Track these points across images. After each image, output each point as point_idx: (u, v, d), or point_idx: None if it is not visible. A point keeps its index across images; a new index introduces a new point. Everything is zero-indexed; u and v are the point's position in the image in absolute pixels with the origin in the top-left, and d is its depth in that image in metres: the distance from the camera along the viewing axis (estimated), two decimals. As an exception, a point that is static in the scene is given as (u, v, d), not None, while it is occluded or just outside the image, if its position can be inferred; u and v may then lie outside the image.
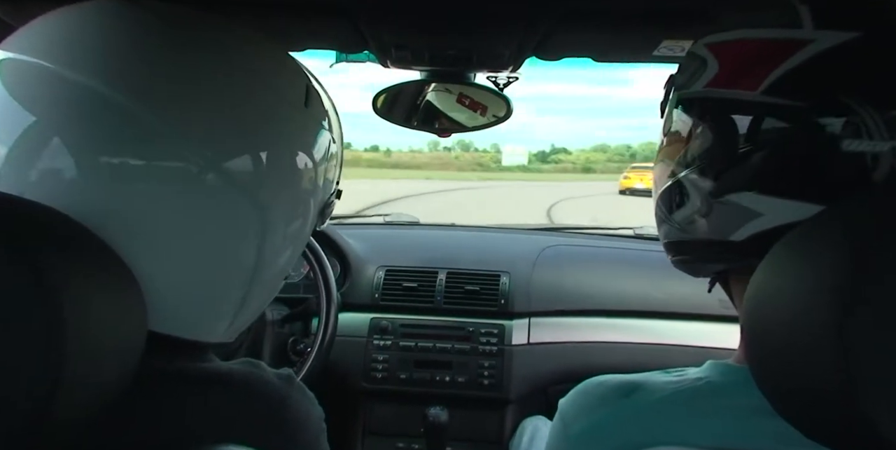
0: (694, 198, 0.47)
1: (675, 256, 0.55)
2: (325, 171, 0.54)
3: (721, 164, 0.44)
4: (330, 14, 0.72)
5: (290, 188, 0.49)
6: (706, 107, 0.47)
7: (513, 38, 0.78)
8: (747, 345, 0.39)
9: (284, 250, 0.51)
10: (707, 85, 0.46)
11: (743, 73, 0.43)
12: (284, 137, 0.48)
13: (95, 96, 0.40)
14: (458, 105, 1.04)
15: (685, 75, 0.50)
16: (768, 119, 0.41)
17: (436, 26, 0.76)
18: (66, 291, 0.32)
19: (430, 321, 1.38)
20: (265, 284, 0.51)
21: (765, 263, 0.39)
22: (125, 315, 0.38)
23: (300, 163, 0.50)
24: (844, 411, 0.31)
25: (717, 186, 0.44)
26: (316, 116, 0.52)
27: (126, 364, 0.38)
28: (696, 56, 0.49)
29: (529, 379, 1.34)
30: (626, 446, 0.46)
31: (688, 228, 0.49)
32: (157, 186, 0.41)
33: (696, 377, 0.49)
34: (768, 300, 0.37)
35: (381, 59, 0.91)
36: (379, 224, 1.82)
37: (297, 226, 0.52)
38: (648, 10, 0.68)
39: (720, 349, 1.32)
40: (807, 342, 0.33)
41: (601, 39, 0.81)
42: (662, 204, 0.53)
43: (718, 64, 0.46)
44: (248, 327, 1.03)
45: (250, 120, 0.45)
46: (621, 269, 1.49)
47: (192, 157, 0.42)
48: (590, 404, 0.53)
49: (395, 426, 1.37)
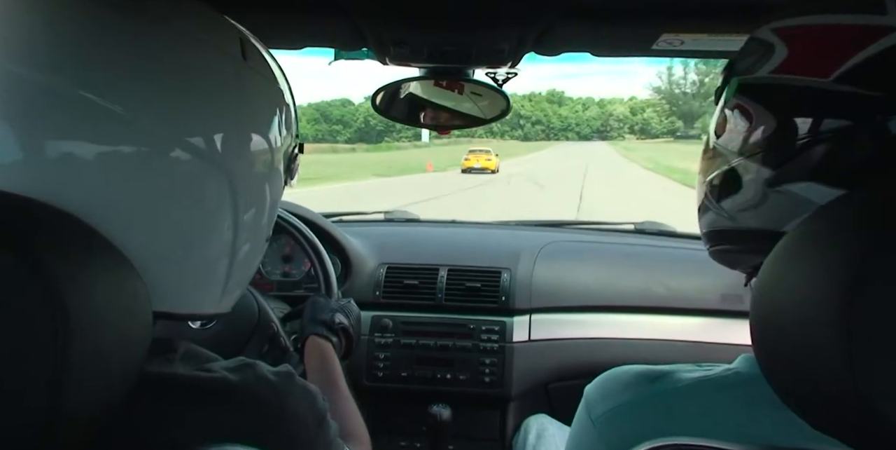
0: (748, 186, 0.46)
1: (716, 245, 0.54)
2: (281, 123, 0.54)
3: (783, 152, 0.43)
4: (328, 12, 0.72)
5: (250, 144, 0.49)
6: (771, 93, 0.45)
7: (512, 34, 0.78)
8: (754, 339, 0.39)
9: (259, 209, 0.52)
10: (773, 71, 0.44)
11: (816, 60, 0.41)
12: (232, 93, 0.48)
13: (40, 86, 0.40)
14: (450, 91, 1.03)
15: (748, 61, 0.48)
16: (837, 109, 0.40)
17: (435, 23, 0.76)
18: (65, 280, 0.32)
19: (432, 318, 1.38)
20: (248, 243, 0.52)
21: (772, 257, 0.38)
22: (127, 299, 0.38)
23: (254, 117, 0.50)
24: (851, 404, 0.31)
25: (776, 174, 0.43)
26: (258, 69, 0.52)
27: (132, 351, 0.38)
28: (761, 41, 0.47)
29: (531, 376, 1.34)
30: (647, 430, 0.46)
31: (737, 216, 0.48)
32: (120, 167, 0.41)
33: (725, 368, 0.49)
34: (775, 293, 0.37)
35: (380, 56, 0.91)
36: (379, 221, 1.82)
37: (265, 183, 0.52)
38: (648, 4, 0.68)
39: (722, 344, 1.32)
40: (813, 335, 0.33)
41: (600, 34, 0.80)
42: (710, 192, 0.52)
43: (788, 49, 0.44)
44: (250, 326, 1.05)
45: (196, 85, 0.45)
46: (622, 264, 1.49)
47: (148, 133, 0.42)
48: (615, 388, 0.52)
49: (397, 424, 1.37)
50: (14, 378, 0.31)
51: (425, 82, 1.03)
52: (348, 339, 1.01)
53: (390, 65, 0.95)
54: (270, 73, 0.54)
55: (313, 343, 0.92)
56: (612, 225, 1.78)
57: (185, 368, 0.47)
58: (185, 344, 0.50)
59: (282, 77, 0.56)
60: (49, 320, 0.31)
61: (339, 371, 0.87)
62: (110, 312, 0.36)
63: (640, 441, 0.45)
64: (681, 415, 0.46)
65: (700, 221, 0.56)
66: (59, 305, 0.31)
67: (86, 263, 0.36)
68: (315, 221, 1.39)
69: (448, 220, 1.84)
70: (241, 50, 0.50)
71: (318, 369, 0.87)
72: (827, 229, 0.35)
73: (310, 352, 0.91)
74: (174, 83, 0.44)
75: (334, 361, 0.89)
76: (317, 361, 0.89)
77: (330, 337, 0.94)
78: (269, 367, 0.51)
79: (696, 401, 0.46)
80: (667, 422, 0.46)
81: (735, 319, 1.35)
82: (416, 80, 1.02)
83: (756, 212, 0.46)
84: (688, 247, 1.56)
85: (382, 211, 1.85)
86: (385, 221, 1.81)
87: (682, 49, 0.80)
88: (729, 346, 1.30)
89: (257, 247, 0.55)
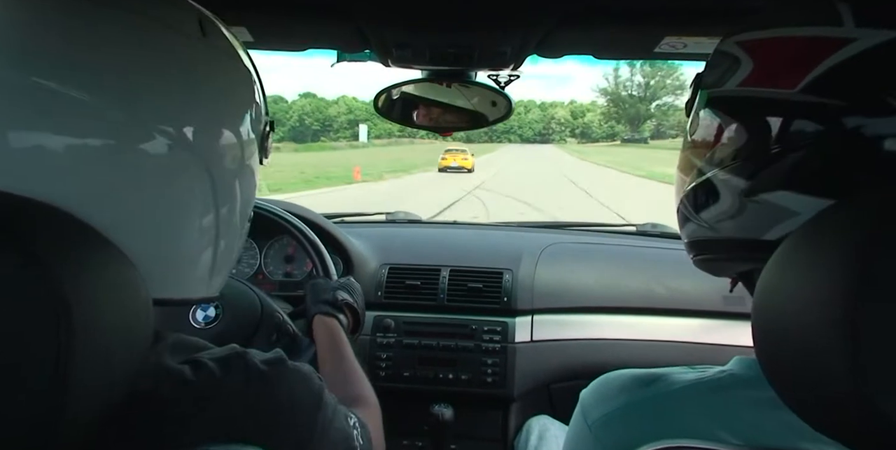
0: (725, 197, 0.46)
1: (698, 255, 0.55)
2: (249, 98, 0.53)
3: (756, 163, 0.43)
4: (331, 14, 0.72)
5: (220, 120, 0.49)
6: (740, 106, 0.46)
7: (514, 37, 0.78)
8: (756, 341, 0.39)
9: (239, 185, 0.52)
10: (741, 84, 0.45)
11: (780, 72, 0.43)
12: (197, 72, 0.47)
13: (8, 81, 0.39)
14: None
15: (715, 74, 0.49)
16: (805, 118, 0.41)
17: (437, 25, 0.76)
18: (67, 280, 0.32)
19: (434, 319, 1.38)
20: (231, 220, 0.52)
21: (773, 260, 0.39)
22: (128, 297, 0.39)
23: (222, 94, 0.49)
24: (852, 405, 0.31)
25: (750, 184, 0.44)
26: (220, 46, 0.51)
27: (135, 348, 0.38)
28: (727, 54, 0.48)
29: (532, 376, 1.35)
30: (643, 434, 0.46)
31: (717, 226, 0.49)
32: (92, 155, 0.41)
33: (719, 370, 0.49)
34: (776, 296, 0.37)
35: (383, 58, 0.91)
36: (381, 222, 1.82)
37: (241, 159, 0.51)
38: (650, 7, 0.68)
39: (723, 346, 1.32)
40: (814, 337, 0.33)
41: (603, 37, 0.81)
42: (688, 202, 0.52)
43: (753, 62, 0.45)
44: (254, 320, 1.05)
45: (158, 66, 0.44)
46: (623, 266, 1.49)
47: (116, 119, 0.41)
48: (609, 392, 0.53)
49: (399, 424, 1.37)
50: (16, 379, 0.31)
51: (428, 84, 1.03)
52: (354, 314, 1.03)
53: (392, 67, 0.95)
54: (233, 51, 0.53)
55: (319, 322, 0.94)
56: (613, 227, 1.78)
57: (174, 359, 0.46)
58: (175, 335, 0.49)
59: (247, 56, 0.55)
60: (51, 320, 0.31)
61: (345, 343, 0.90)
62: (112, 311, 0.36)
63: (636, 445, 0.45)
64: (676, 418, 0.46)
65: (682, 232, 0.56)
66: (61, 305, 0.32)
67: (86, 262, 0.36)
68: (316, 221, 1.40)
69: (450, 221, 1.85)
70: (201, 28, 0.49)
71: (327, 345, 0.89)
72: (826, 232, 0.35)
73: (318, 331, 0.93)
74: (134, 66, 0.43)
75: (341, 334, 0.92)
76: (325, 337, 0.91)
77: (335, 314, 0.96)
78: (262, 354, 0.51)
79: (691, 403, 0.47)
80: (662, 425, 0.46)
81: (736, 321, 1.35)
82: (418, 83, 1.03)
83: (735, 222, 0.46)
84: None
85: (383, 212, 1.86)
86: (387, 222, 1.81)
87: (684, 52, 0.81)
88: (730, 347, 1.30)
89: (240, 224, 0.55)
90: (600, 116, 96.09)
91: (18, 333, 0.31)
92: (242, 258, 1.46)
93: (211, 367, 0.47)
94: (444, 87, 1.03)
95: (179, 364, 0.46)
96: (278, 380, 0.50)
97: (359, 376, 0.83)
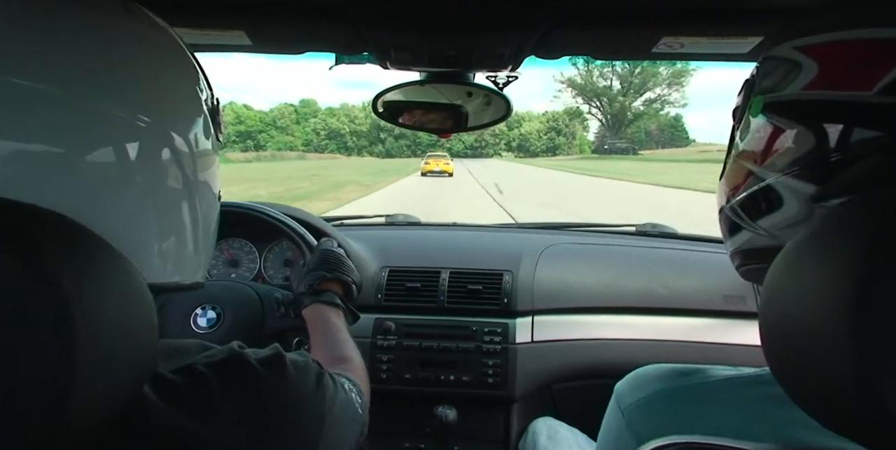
0: (790, 203, 0.46)
1: (751, 264, 0.53)
2: (186, 75, 0.53)
3: (827, 167, 0.42)
4: (330, 17, 0.72)
5: (166, 97, 0.49)
6: (805, 110, 0.45)
7: (512, 39, 0.78)
8: (764, 341, 0.39)
9: (201, 161, 0.52)
10: (804, 87, 0.45)
11: (852, 74, 0.42)
12: (129, 50, 0.47)
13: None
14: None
15: (772, 79, 0.48)
16: (882, 121, 0.40)
17: (436, 27, 0.76)
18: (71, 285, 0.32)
19: (434, 321, 1.38)
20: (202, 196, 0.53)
21: (779, 261, 0.39)
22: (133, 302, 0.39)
23: (164, 70, 0.50)
24: (860, 404, 0.32)
25: (820, 190, 0.43)
26: (142, 20, 0.50)
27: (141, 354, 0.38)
28: (784, 59, 0.47)
29: (534, 377, 1.35)
30: (674, 423, 0.46)
31: (779, 234, 0.48)
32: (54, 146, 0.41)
33: (759, 368, 0.49)
34: (783, 296, 0.38)
35: (381, 60, 0.91)
36: (380, 225, 1.82)
37: (198, 132, 0.52)
38: (648, 7, 0.69)
39: (724, 345, 1.32)
40: (822, 337, 0.33)
41: (601, 38, 0.81)
42: (743, 211, 0.52)
43: (818, 66, 0.44)
44: (258, 312, 1.06)
45: (88, 46, 0.44)
46: (624, 266, 1.49)
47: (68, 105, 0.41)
48: (645, 380, 0.54)
49: (401, 426, 1.37)
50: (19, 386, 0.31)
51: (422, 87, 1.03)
52: (341, 283, 1.06)
53: (391, 69, 0.95)
54: (162, 27, 0.52)
55: (306, 314, 0.99)
56: (613, 227, 1.79)
57: (167, 367, 0.45)
58: (163, 341, 0.48)
59: (177, 37, 0.54)
60: (55, 327, 0.31)
61: (332, 322, 0.96)
62: (116, 317, 0.36)
63: (666, 434, 0.45)
64: (709, 409, 0.47)
65: (730, 241, 0.55)
66: (64, 311, 0.32)
67: (90, 268, 0.36)
68: (316, 225, 1.40)
69: (449, 222, 1.85)
70: (124, 6, 0.48)
71: (319, 332, 0.94)
72: (833, 233, 0.35)
73: (308, 324, 0.98)
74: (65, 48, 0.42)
75: (327, 317, 0.97)
76: (314, 326, 0.96)
77: (315, 301, 1.00)
78: (258, 351, 0.51)
79: (726, 396, 0.47)
80: (694, 414, 0.46)
81: (737, 320, 1.35)
82: (416, 85, 1.03)
83: (801, 228, 0.45)
84: (689, 248, 1.56)
85: (383, 215, 1.85)
86: (386, 225, 1.81)
87: (682, 52, 0.81)
88: (731, 346, 1.30)
89: (213, 201, 0.56)
90: (539, 125, 78.86)
91: (20, 338, 0.31)
92: (242, 262, 1.46)
93: (206, 377, 0.46)
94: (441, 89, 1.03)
95: (172, 374, 0.45)
96: (277, 380, 0.50)
97: (345, 339, 0.90)
